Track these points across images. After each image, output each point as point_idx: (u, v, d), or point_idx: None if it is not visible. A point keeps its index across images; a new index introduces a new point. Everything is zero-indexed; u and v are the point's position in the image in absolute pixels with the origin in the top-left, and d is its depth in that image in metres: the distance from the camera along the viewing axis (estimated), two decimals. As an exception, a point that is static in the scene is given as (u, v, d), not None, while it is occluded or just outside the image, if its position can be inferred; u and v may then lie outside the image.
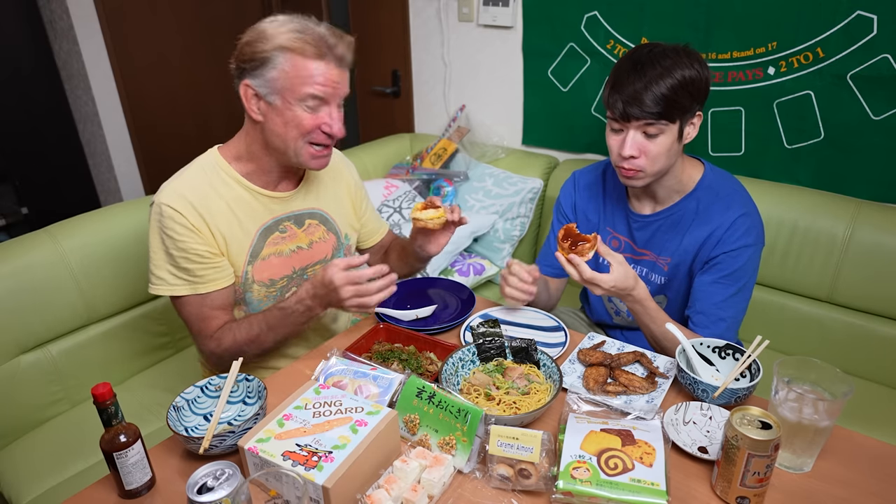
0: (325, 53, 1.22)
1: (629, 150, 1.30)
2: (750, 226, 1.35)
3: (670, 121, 1.27)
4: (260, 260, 1.37)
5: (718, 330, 1.35)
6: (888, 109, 1.74)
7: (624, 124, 1.29)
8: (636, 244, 1.50)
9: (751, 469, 0.89)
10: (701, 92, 1.30)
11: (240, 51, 1.24)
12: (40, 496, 1.48)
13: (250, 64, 1.22)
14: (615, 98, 1.28)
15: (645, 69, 1.25)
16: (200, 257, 1.28)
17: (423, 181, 2.53)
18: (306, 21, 1.24)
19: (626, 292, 1.27)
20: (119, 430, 0.96)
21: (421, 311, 1.47)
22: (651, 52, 1.27)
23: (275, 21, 1.23)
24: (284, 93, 1.22)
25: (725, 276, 1.36)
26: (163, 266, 1.29)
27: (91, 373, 1.74)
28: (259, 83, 1.23)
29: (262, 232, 1.36)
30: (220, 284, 1.32)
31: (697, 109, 1.32)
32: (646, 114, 1.25)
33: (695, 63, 1.27)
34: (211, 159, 1.34)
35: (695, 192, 1.41)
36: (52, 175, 3.06)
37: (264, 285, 1.38)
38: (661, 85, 1.24)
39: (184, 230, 1.26)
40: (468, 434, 1.00)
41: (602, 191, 1.55)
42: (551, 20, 2.26)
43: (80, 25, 2.72)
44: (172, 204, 1.25)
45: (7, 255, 1.58)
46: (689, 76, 1.25)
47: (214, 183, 1.31)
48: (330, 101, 1.25)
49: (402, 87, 2.88)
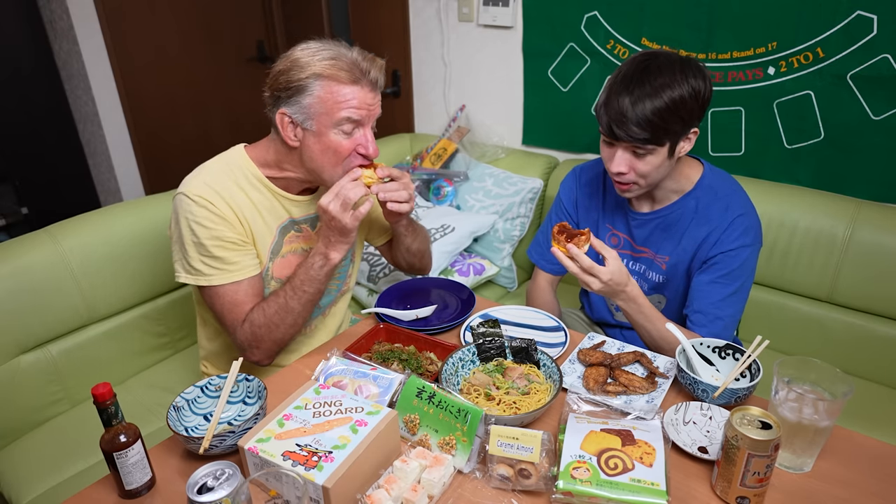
0: (360, 78, 1.24)
1: (617, 167, 1.29)
2: (748, 226, 1.35)
3: (657, 144, 1.25)
4: (280, 257, 1.39)
5: (716, 329, 1.35)
6: (888, 109, 1.74)
7: (612, 141, 1.29)
8: (635, 241, 1.50)
9: (751, 469, 0.89)
10: (694, 112, 1.25)
11: (274, 80, 1.25)
12: (40, 496, 1.48)
13: (286, 92, 1.24)
14: (602, 114, 1.27)
15: (633, 87, 1.21)
16: (234, 244, 1.29)
17: (423, 181, 2.54)
18: (338, 46, 1.26)
19: (620, 288, 1.26)
20: (119, 430, 0.96)
21: (421, 311, 1.47)
22: (646, 67, 1.23)
23: (307, 49, 1.25)
24: (320, 118, 1.24)
25: (723, 276, 1.36)
26: (196, 257, 1.29)
27: (91, 373, 1.74)
28: (295, 110, 1.24)
29: (280, 230, 1.39)
30: (253, 271, 1.33)
31: (693, 127, 1.29)
32: (630, 138, 1.23)
33: (691, 79, 1.22)
34: (236, 157, 1.35)
35: (694, 192, 1.41)
36: (52, 175, 3.06)
37: (280, 283, 1.40)
38: (646, 106, 1.20)
39: (215, 218, 1.27)
40: (468, 434, 1.01)
41: (602, 188, 1.55)
42: (551, 20, 2.26)
43: (80, 25, 2.72)
44: (201, 193, 1.27)
45: (7, 255, 1.58)
46: (678, 97, 1.21)
47: (238, 180, 1.33)
48: (364, 124, 1.28)
49: (402, 87, 2.88)
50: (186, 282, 1.32)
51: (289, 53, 1.26)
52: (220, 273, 1.30)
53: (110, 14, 2.77)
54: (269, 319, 1.31)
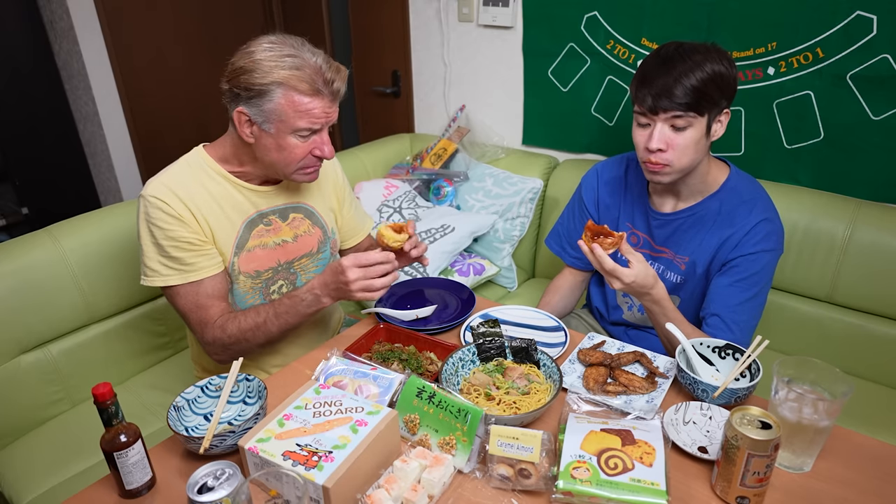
0: (321, 90, 1.23)
1: (656, 143, 1.29)
2: (770, 231, 1.35)
3: (699, 113, 1.27)
4: (246, 251, 1.39)
5: (732, 334, 1.34)
6: (888, 109, 1.74)
7: (652, 118, 1.29)
8: (655, 241, 1.50)
9: (750, 469, 0.89)
10: (730, 87, 1.30)
11: (234, 76, 1.24)
12: (40, 496, 1.48)
13: (246, 93, 1.23)
14: (644, 92, 1.28)
15: (675, 63, 1.26)
16: (190, 244, 1.30)
17: (423, 181, 2.54)
18: (302, 51, 1.23)
19: (646, 290, 1.26)
20: (119, 429, 0.96)
21: (421, 311, 1.47)
22: (680, 48, 1.28)
23: (271, 50, 1.22)
24: (278, 124, 1.24)
25: (742, 280, 1.35)
26: (153, 257, 1.31)
27: (91, 373, 1.74)
28: (254, 112, 1.24)
29: (246, 224, 1.38)
30: (212, 271, 1.33)
31: (725, 106, 1.32)
32: (675, 105, 1.25)
33: (724, 60, 1.28)
34: (196, 156, 1.37)
35: (718, 194, 1.41)
36: (53, 175, 3.06)
37: (250, 277, 1.40)
38: (691, 77, 1.24)
39: (170, 219, 1.28)
40: (468, 434, 1.01)
41: (624, 186, 1.56)
42: (551, 20, 2.26)
43: (80, 25, 2.72)
44: (157, 194, 1.28)
45: (7, 255, 1.58)
46: (718, 70, 1.26)
47: (199, 177, 1.34)
48: (321, 129, 1.29)
49: (402, 87, 2.88)
50: (145, 283, 1.33)
51: (251, 50, 1.23)
52: (177, 273, 1.31)
53: (110, 14, 2.77)
54: (242, 334, 1.32)
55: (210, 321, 1.33)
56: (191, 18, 3.07)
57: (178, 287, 1.32)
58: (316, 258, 1.50)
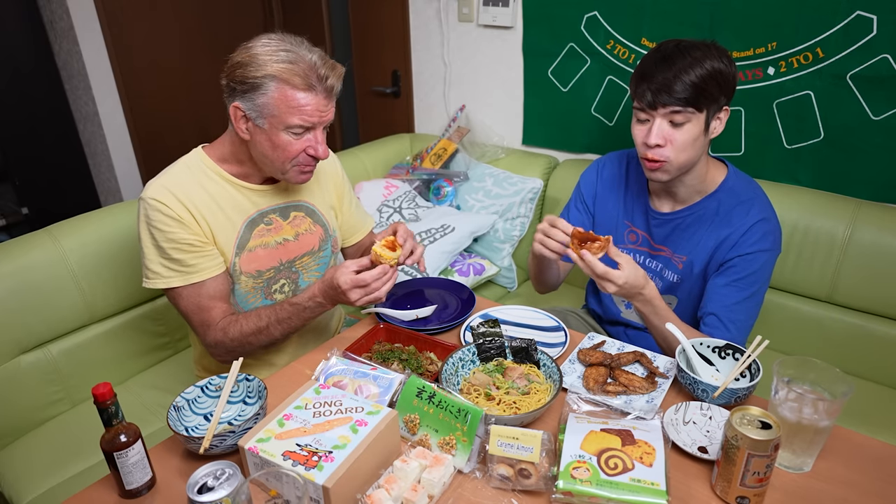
0: (314, 85, 1.23)
1: (655, 139, 1.29)
2: (768, 231, 1.35)
3: (698, 109, 1.27)
4: (247, 251, 1.39)
5: (729, 334, 1.34)
6: (888, 109, 1.74)
7: (651, 113, 1.30)
8: (653, 240, 1.50)
9: (751, 469, 0.89)
10: (729, 85, 1.30)
11: (231, 71, 1.24)
12: (40, 496, 1.48)
13: (241, 87, 1.23)
14: (643, 88, 1.28)
15: (675, 60, 1.26)
16: (191, 246, 1.30)
17: (423, 181, 2.54)
18: (299, 48, 1.24)
19: (637, 290, 1.26)
20: (119, 429, 0.96)
21: (421, 311, 1.47)
22: (679, 45, 1.29)
23: (268, 45, 1.23)
24: (272, 119, 1.24)
25: (739, 280, 1.35)
26: (155, 260, 1.31)
27: (91, 373, 1.74)
28: (249, 106, 1.24)
29: (247, 224, 1.38)
30: (213, 272, 1.34)
31: (725, 103, 1.32)
32: (674, 100, 1.26)
33: (723, 57, 1.28)
34: (195, 157, 1.37)
35: (716, 194, 1.41)
36: (53, 175, 3.06)
37: (252, 277, 1.40)
38: (690, 74, 1.25)
39: (170, 220, 1.28)
40: (468, 434, 1.01)
41: (624, 183, 1.56)
42: (551, 20, 2.26)
43: (80, 25, 2.72)
44: (157, 196, 1.28)
45: (7, 255, 1.58)
46: (717, 67, 1.26)
47: (199, 178, 1.34)
48: (316, 128, 1.28)
49: (402, 87, 2.88)
50: (147, 286, 1.33)
51: (249, 45, 1.24)
52: (178, 275, 1.31)
53: (110, 14, 2.77)
54: (244, 338, 1.33)
55: (212, 323, 1.33)
56: (191, 18, 3.08)
57: (180, 289, 1.32)
58: (317, 256, 1.50)
